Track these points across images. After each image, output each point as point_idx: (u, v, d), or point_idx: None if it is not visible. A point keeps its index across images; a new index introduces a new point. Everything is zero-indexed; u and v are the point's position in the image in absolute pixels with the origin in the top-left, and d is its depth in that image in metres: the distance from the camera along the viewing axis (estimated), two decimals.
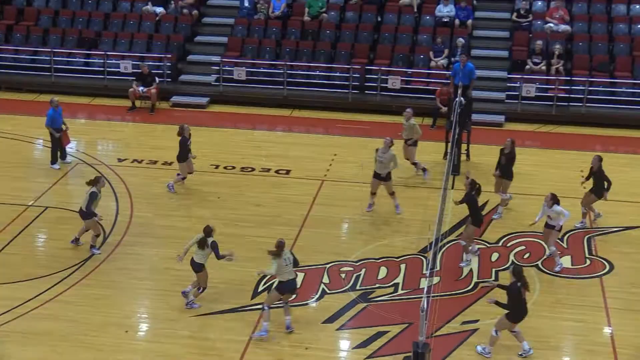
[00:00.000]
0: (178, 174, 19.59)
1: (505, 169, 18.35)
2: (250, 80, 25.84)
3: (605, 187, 17.65)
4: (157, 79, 25.20)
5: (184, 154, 19.38)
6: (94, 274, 16.15)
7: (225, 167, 20.98)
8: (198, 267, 14.87)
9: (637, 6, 26.83)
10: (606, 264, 16.69)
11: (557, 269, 16.26)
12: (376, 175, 18.44)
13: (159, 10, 27.97)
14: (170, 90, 25.95)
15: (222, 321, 14.80)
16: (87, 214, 16.56)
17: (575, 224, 17.87)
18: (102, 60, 26.47)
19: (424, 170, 20.19)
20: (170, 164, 21.00)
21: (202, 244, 14.81)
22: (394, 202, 18.55)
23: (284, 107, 25.43)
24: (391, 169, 18.38)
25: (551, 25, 26.27)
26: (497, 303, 13.53)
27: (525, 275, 13.68)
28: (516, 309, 13.57)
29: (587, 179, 18.05)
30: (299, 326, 14.61)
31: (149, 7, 28.03)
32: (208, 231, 14.88)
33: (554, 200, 16.19)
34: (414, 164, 20.29)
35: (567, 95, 24.62)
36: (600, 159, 17.75)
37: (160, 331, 14.57)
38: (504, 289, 13.75)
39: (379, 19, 27.48)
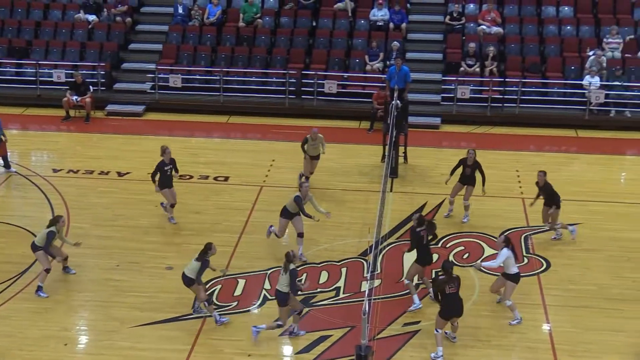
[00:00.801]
0: (162, 203, 18.42)
1: (470, 178, 18.25)
2: (186, 87, 25.69)
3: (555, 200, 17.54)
4: (91, 88, 24.88)
5: (164, 180, 18.04)
6: (31, 287, 15.83)
7: None
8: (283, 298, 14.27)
9: (566, 8, 27.38)
10: (543, 262, 16.97)
11: (513, 322, 15.02)
12: (311, 158, 19.59)
13: (92, 18, 27.63)
14: (105, 99, 25.65)
15: (163, 331, 14.65)
16: (38, 247, 15.65)
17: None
18: (34, 70, 26.07)
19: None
20: (107, 173, 20.77)
21: (285, 268, 14.21)
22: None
23: (220, 114, 25.33)
24: (322, 152, 19.53)
25: (484, 27, 26.66)
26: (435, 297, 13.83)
27: (451, 271, 13.79)
28: (444, 305, 13.73)
29: (537, 197, 17.78)
30: (241, 333, 14.56)
31: (81, 15, 27.66)
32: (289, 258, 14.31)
33: (506, 243, 14.82)
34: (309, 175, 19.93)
35: (501, 96, 24.98)
36: (544, 174, 17.57)
37: (100, 343, 14.37)
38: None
39: (314, 23, 27.56)
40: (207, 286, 15.80)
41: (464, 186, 18.30)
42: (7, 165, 20.73)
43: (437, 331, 13.88)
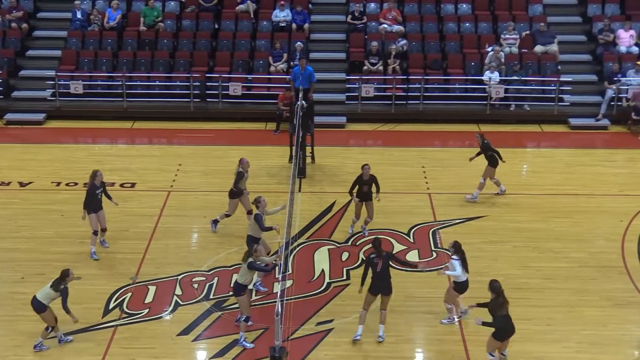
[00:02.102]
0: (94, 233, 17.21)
1: (368, 194, 17.70)
2: (88, 93, 25.21)
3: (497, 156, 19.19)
4: None
5: (91, 202, 17.06)
6: None
7: (67, 184, 20.38)
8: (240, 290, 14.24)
9: (464, 5, 27.90)
10: None
11: (444, 320, 15.18)
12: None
13: None
14: (3, 107, 24.97)
15: (72, 343, 14.33)
16: None
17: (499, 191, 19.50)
18: None
19: None
20: (9, 184, 20.23)
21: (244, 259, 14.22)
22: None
23: (124, 120, 24.94)
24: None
25: (385, 26, 26.95)
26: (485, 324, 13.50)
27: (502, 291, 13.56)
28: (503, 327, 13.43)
29: (477, 155, 19.49)
30: (153, 341, 14.39)
31: None
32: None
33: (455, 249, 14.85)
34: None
35: (405, 93, 25.31)
36: (481, 135, 19.48)
37: (6, 358, 13.97)
38: None
39: (217, 26, 27.40)
40: (117, 294, 15.57)
41: (363, 203, 17.75)
42: None
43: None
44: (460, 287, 14.77)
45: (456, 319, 15.08)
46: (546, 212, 18.79)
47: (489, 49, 25.85)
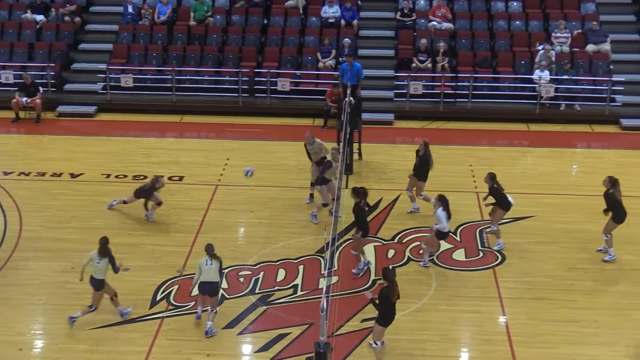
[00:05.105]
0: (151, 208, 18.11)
1: (418, 170, 18.48)
2: (138, 87, 25.46)
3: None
4: (40, 89, 24.54)
5: None
6: None
7: (116, 176, 20.61)
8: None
9: (515, 3, 27.67)
10: (498, 255, 17.13)
11: (421, 264, 16.66)
12: (317, 164, 18.60)
13: (39, 18, 27.24)
14: (55, 100, 25.31)
15: (120, 333, 14.52)
16: None
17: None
18: None
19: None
20: (60, 175, 20.54)
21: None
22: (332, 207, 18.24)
23: (173, 113, 25.16)
24: (325, 154, 18.58)
25: (434, 23, 26.83)
26: (373, 301, 13.61)
27: (395, 280, 13.59)
28: (386, 313, 13.53)
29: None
30: (199, 333, 14.50)
31: (29, 15, 27.26)
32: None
33: (441, 202, 16.27)
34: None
35: (453, 91, 25.18)
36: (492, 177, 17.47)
37: (56, 347, 14.20)
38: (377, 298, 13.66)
39: (266, 21, 27.50)
40: (164, 287, 15.73)
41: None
42: None
43: (376, 344, 13.78)
44: (442, 235, 16.41)
45: (428, 263, 16.53)
46: (595, 214, 18.50)
47: (540, 47, 25.60)
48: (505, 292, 15.84)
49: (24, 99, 24.20)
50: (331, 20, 26.96)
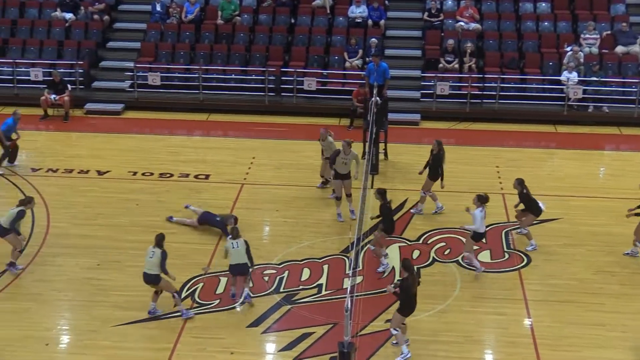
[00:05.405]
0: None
1: (431, 168, 18.47)
2: (165, 85, 25.60)
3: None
4: (69, 87, 24.74)
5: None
6: (11, 287, 15.75)
7: (143, 174, 20.72)
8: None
9: (544, 4, 27.51)
10: (524, 257, 17.04)
11: (476, 271, 16.27)
12: (338, 176, 18.18)
13: (69, 16, 27.46)
14: (83, 97, 25.51)
15: (145, 330, 14.60)
16: (6, 230, 15.85)
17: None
18: (11, 69, 25.85)
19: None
20: (87, 172, 20.68)
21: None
22: (349, 206, 18.31)
23: (200, 112, 25.26)
24: (358, 166, 18.31)
25: (462, 23, 26.74)
26: (395, 293, 13.78)
27: (413, 271, 13.72)
28: (406, 303, 13.69)
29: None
30: (224, 331, 14.54)
31: (58, 13, 27.50)
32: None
33: (481, 201, 16.19)
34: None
35: (480, 92, 25.08)
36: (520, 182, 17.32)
37: (81, 343, 14.29)
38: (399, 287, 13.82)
39: (293, 21, 27.53)
40: (189, 284, 15.76)
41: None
42: (12, 160, 21.10)
43: (396, 331, 13.87)
44: (478, 236, 16.10)
45: (480, 268, 16.23)
46: (623, 217, 18.37)
47: (568, 48, 25.43)
48: (531, 295, 15.75)
49: (53, 96, 24.39)
50: (358, 20, 26.94)
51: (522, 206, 17.36)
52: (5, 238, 16.04)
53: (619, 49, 25.76)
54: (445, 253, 17.13)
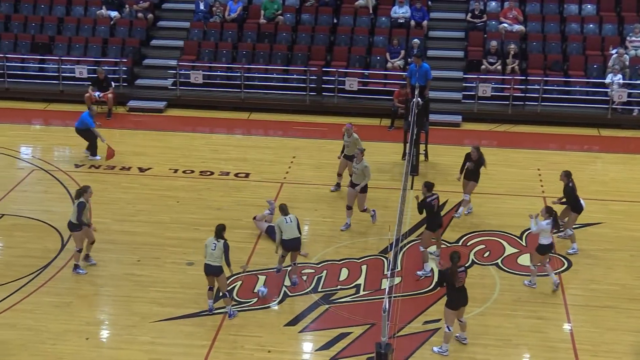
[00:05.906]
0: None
1: (472, 174, 18.30)
2: (207, 83, 25.74)
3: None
4: (113, 84, 24.99)
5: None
6: (52, 281, 15.96)
7: (184, 171, 20.87)
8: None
9: (589, 6, 27.20)
10: (565, 261, 16.88)
11: (526, 282, 16.11)
12: (353, 185, 18.02)
13: (114, 14, 27.76)
14: (127, 94, 25.75)
15: (184, 326, 14.70)
16: (75, 225, 15.96)
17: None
18: (56, 66, 26.19)
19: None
20: (129, 169, 20.88)
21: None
22: (370, 212, 18.17)
23: (241, 110, 25.36)
24: (365, 180, 17.83)
25: (505, 25, 26.54)
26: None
27: (456, 263, 13.68)
28: (451, 296, 13.76)
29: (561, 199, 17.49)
30: (261, 329, 14.60)
31: (103, 11, 27.80)
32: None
33: (549, 213, 15.73)
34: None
35: (523, 94, 24.87)
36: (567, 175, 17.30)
37: (121, 338, 14.44)
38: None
39: (335, 20, 27.53)
40: (227, 282, 15.84)
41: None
42: (94, 152, 21.48)
43: (448, 329, 13.88)
44: (542, 249, 15.59)
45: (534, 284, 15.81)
46: None
47: (613, 51, 25.11)
48: (571, 299, 15.60)
49: (97, 93, 24.64)
50: (401, 21, 26.87)
51: (557, 205, 17.08)
52: (73, 234, 16.15)
53: None
54: (485, 255, 17.03)
